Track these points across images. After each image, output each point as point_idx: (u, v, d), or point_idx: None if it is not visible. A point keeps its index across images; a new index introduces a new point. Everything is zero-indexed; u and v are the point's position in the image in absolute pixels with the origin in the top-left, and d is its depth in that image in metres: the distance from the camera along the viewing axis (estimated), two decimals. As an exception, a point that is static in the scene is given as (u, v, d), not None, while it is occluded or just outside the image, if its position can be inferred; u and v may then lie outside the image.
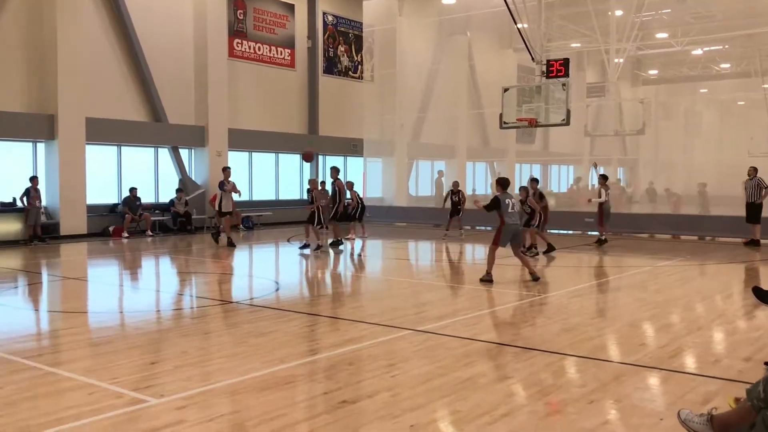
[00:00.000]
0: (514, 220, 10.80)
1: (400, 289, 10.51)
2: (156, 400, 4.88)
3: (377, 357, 6.15)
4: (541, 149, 33.46)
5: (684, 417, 3.85)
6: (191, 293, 10.49)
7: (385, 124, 26.57)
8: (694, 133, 37.63)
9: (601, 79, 30.10)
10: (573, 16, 25.92)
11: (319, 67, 25.52)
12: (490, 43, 29.67)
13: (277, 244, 17.64)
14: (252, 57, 23.06)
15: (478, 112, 28.60)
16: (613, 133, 23.56)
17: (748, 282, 11.28)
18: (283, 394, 5.07)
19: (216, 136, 21.32)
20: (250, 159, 23.72)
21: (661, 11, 25.80)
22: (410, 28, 26.55)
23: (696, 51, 30.73)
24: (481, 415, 4.60)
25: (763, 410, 3.27)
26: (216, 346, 6.68)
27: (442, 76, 27.84)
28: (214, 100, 21.17)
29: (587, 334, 7.17)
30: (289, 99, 24.55)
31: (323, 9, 25.62)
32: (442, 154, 28.41)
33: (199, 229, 20.22)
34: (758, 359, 6.03)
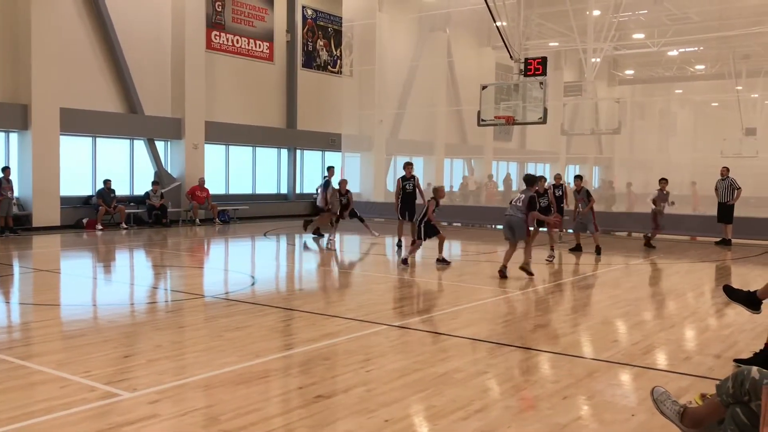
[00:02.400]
0: (509, 212, 11.01)
1: (377, 285, 10.52)
2: (129, 393, 4.83)
3: (353, 352, 6.15)
4: (518, 147, 33.64)
5: (657, 396, 3.85)
6: (166, 287, 10.41)
7: (363, 119, 26.55)
8: (668, 133, 38.10)
9: (578, 79, 30.34)
10: (551, 16, 26.09)
11: (298, 61, 25.41)
12: (469, 41, 29.75)
13: (254, 239, 17.56)
14: (230, 50, 22.89)
15: (456, 109, 28.68)
16: (589, 132, 23.78)
17: (720, 280, 11.46)
18: (257, 388, 5.05)
19: (193, 128, 21.14)
20: (227, 152, 23.57)
21: (637, 12, 26.06)
22: (390, 23, 26.53)
23: (671, 52, 31.10)
24: (456, 410, 4.62)
25: (731, 406, 3.32)
26: (191, 340, 6.63)
27: (421, 73, 27.87)
28: (191, 92, 20.99)
29: (562, 331, 7.24)
30: (267, 92, 24.42)
31: (303, 3, 25.50)
32: (421, 151, 28.46)
33: (175, 222, 20.06)
34: (728, 356, 6.13)
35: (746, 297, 5.76)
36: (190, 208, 20.44)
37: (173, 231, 18.57)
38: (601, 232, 16.24)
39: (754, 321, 7.18)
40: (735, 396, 3.31)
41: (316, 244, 15.83)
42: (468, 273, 12.36)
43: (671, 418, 3.79)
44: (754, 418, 3.14)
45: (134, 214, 19.49)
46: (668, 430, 3.99)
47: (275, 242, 16.94)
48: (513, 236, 10.96)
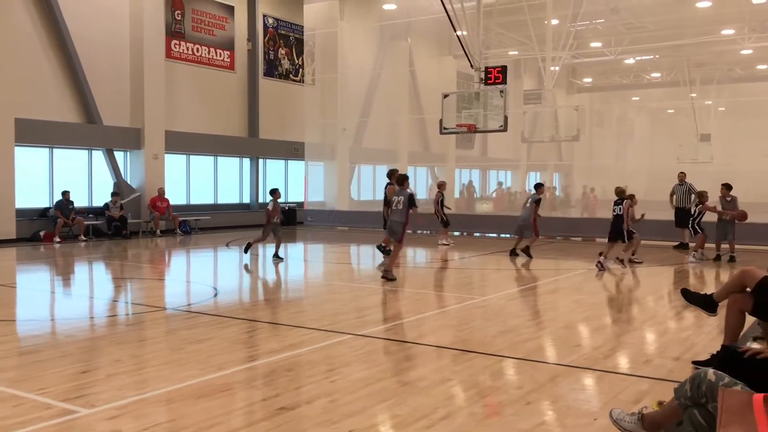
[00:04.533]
0: (394, 217, 11.40)
1: (340, 294, 10.48)
2: (87, 410, 4.72)
3: (317, 362, 6.10)
4: (480, 155, 33.93)
5: (616, 417, 3.95)
6: (126, 299, 10.22)
7: (326, 128, 26.51)
8: (626, 140, 38.84)
9: (537, 87, 30.73)
10: (510, 25, 26.40)
11: (260, 70, 25.28)
12: (430, 50, 29.95)
13: (216, 249, 17.36)
14: (190, 58, 22.67)
15: (418, 118, 28.81)
16: (549, 140, 24.07)
17: (678, 284, 11.68)
18: (220, 401, 4.98)
19: (152, 138, 20.86)
20: (187, 162, 23.30)
21: (595, 21, 26.53)
22: (351, 32, 26.57)
23: (628, 60, 31.74)
24: (420, 418, 4.62)
25: (689, 408, 3.38)
26: (151, 354, 6.51)
27: (383, 81, 27.96)
28: (150, 101, 20.71)
29: (524, 336, 7.29)
30: (228, 101, 24.24)
31: (263, 11, 25.41)
32: (384, 159, 28.51)
33: (135, 234, 19.74)
34: (686, 358, 6.24)
35: (703, 300, 5.88)
36: (151, 219, 20.14)
37: (133, 242, 18.27)
38: (562, 238, 16.45)
39: (711, 323, 7.33)
40: (692, 398, 3.37)
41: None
42: (432, 280, 12.40)
43: (634, 430, 3.84)
44: (711, 419, 3.20)
45: (93, 226, 19.12)
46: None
47: (238, 253, 16.77)
48: (395, 236, 11.38)
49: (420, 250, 17.48)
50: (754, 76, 33.33)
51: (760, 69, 32.74)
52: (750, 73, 33.29)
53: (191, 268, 14.71)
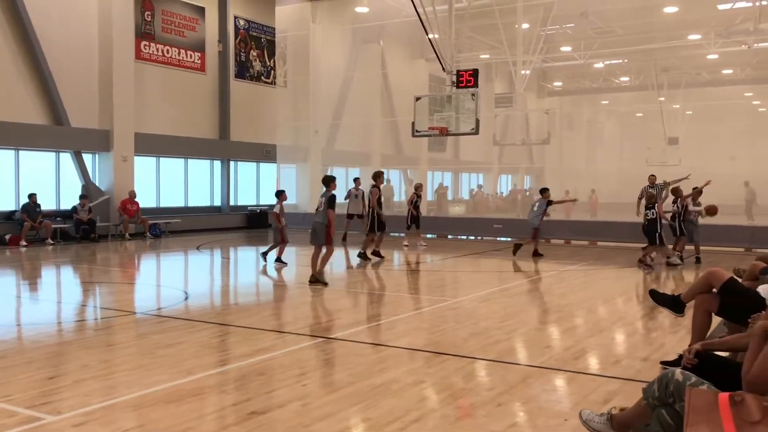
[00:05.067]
0: (315, 218, 11.22)
1: (313, 297, 10.43)
2: (53, 417, 4.63)
3: (288, 366, 6.07)
4: (452, 157, 34.08)
5: (585, 417, 3.99)
6: (95, 304, 10.07)
7: (299, 130, 26.43)
8: (596, 143, 39.30)
9: (508, 90, 30.98)
10: (482, 29, 26.57)
11: (231, 72, 25.11)
12: (402, 53, 30.02)
13: (187, 252, 17.19)
14: (160, 60, 22.44)
15: (391, 120, 28.86)
16: (520, 143, 24.29)
17: (647, 285, 11.83)
18: (190, 406, 4.92)
19: (122, 140, 20.59)
20: (157, 164, 23.05)
21: (565, 26, 26.82)
22: (324, 34, 26.53)
23: (598, 64, 32.14)
24: (393, 421, 4.61)
25: (657, 408, 3.42)
26: (120, 359, 6.42)
27: (356, 84, 27.95)
28: (119, 103, 20.44)
29: (496, 338, 7.33)
30: (199, 103, 24.03)
31: (235, 13, 25.25)
32: (357, 161, 28.51)
33: (104, 237, 19.45)
34: (655, 359, 6.32)
35: (671, 301, 5.97)
36: (120, 222, 19.87)
37: (102, 246, 18.01)
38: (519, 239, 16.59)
39: (679, 324, 7.44)
40: (660, 398, 3.41)
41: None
42: (404, 282, 12.41)
43: (603, 430, 3.89)
44: (679, 419, 3.24)
45: (61, 230, 18.81)
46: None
47: (209, 256, 16.63)
48: (316, 241, 11.16)
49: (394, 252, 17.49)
50: (720, 80, 33.97)
51: (725, 74, 33.37)
52: (716, 78, 33.91)
53: (161, 271, 14.54)
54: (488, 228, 21.57)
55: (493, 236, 21.00)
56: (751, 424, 2.95)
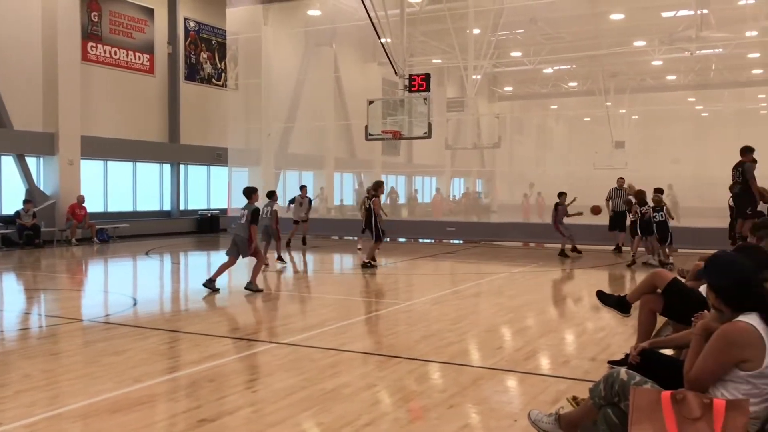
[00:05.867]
0: (237, 231, 11.00)
1: (265, 302, 10.34)
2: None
3: (239, 372, 6.00)
4: (405, 161, 34.22)
5: (534, 418, 4.04)
6: (39, 311, 9.78)
7: (250, 133, 26.18)
8: (545, 147, 39.94)
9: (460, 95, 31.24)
10: (434, 33, 26.76)
11: (181, 74, 24.74)
12: (355, 56, 30.02)
13: (135, 258, 16.84)
14: (108, 61, 21.97)
15: (344, 124, 28.83)
16: (471, 146, 24.51)
17: (596, 286, 12.05)
18: (137, 415, 4.82)
19: (67, 143, 20.06)
20: (105, 168, 22.54)
21: (515, 31, 27.20)
22: (275, 37, 26.35)
23: (547, 70, 32.69)
24: (344, 425, 4.60)
25: (603, 407, 3.49)
26: (64, 368, 6.25)
27: (308, 87, 27.83)
28: (65, 105, 19.92)
29: (448, 340, 7.38)
30: (148, 106, 23.60)
31: (184, 14, 24.89)
32: (310, 165, 28.39)
33: (49, 243, 18.92)
34: (602, 358, 6.45)
35: (617, 301, 6.09)
36: (67, 228, 19.35)
37: (47, 252, 17.52)
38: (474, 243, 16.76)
39: (625, 323, 7.60)
40: (606, 398, 3.48)
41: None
42: (357, 286, 12.40)
43: (552, 430, 3.95)
44: (624, 417, 3.31)
45: (3, 235, 18.21)
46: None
47: (158, 261, 16.34)
48: (237, 252, 10.92)
49: (347, 256, 17.47)
50: (664, 86, 34.93)
51: (669, 80, 34.33)
52: (660, 83, 34.86)
53: (109, 277, 14.21)
54: (441, 231, 21.73)
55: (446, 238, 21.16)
56: (692, 420, 3.03)
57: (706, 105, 34.13)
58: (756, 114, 33.81)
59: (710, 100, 33.55)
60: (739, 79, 32.41)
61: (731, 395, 3.17)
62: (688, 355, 3.39)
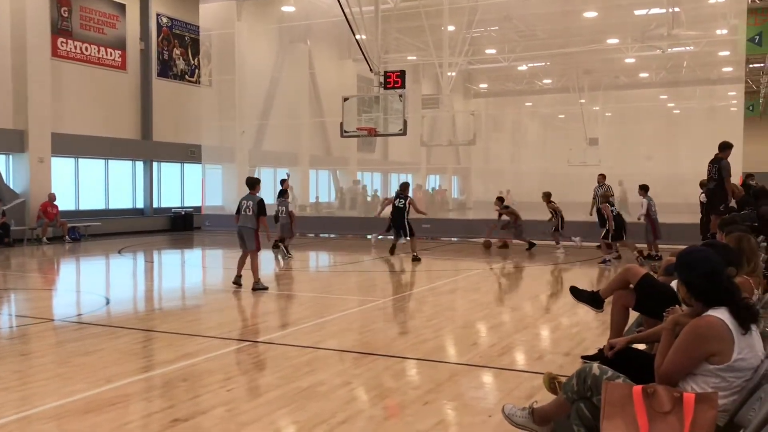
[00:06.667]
0: (241, 223, 10.80)
1: (239, 300, 10.28)
2: (-39, 432, 4.41)
3: (213, 371, 5.95)
4: (381, 158, 34.19)
5: (508, 412, 4.07)
6: (9, 311, 9.62)
7: (224, 130, 25.98)
8: (520, 144, 40.11)
9: (435, 92, 31.28)
10: (408, 30, 26.78)
11: (153, 70, 24.46)
12: (330, 53, 29.93)
13: (108, 257, 16.64)
14: (78, 57, 21.65)
15: (319, 120, 28.72)
16: (447, 143, 24.58)
17: (570, 282, 12.17)
18: (110, 415, 4.77)
19: (37, 141, 19.74)
20: (76, 165, 22.23)
21: (489, 29, 27.31)
22: (249, 33, 26.17)
23: (521, 67, 32.86)
24: (320, 423, 4.59)
25: (576, 402, 3.53)
26: (35, 368, 6.16)
27: (283, 84, 27.68)
28: (34, 102, 19.60)
29: (423, 337, 7.39)
30: (120, 102, 23.30)
31: (157, 10, 24.60)
32: (285, 162, 28.23)
33: (19, 242, 18.61)
34: (576, 353, 6.51)
35: (590, 297, 6.15)
36: (39, 226, 19.05)
37: (18, 251, 17.23)
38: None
39: (599, 319, 7.68)
40: (579, 392, 3.51)
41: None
42: (333, 284, 12.38)
43: (525, 425, 3.99)
44: (596, 412, 3.34)
45: (-29, 234, 17.89)
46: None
47: (131, 260, 16.16)
48: (245, 246, 10.83)
49: (322, 254, 17.43)
50: (637, 83, 35.28)
51: (641, 77, 34.68)
52: (633, 81, 35.21)
53: (81, 276, 14.03)
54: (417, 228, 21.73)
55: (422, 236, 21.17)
56: (662, 414, 3.07)
57: (678, 102, 34.57)
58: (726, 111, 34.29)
59: (682, 98, 33.96)
60: (710, 76, 32.85)
61: (701, 389, 3.22)
62: (659, 350, 3.43)
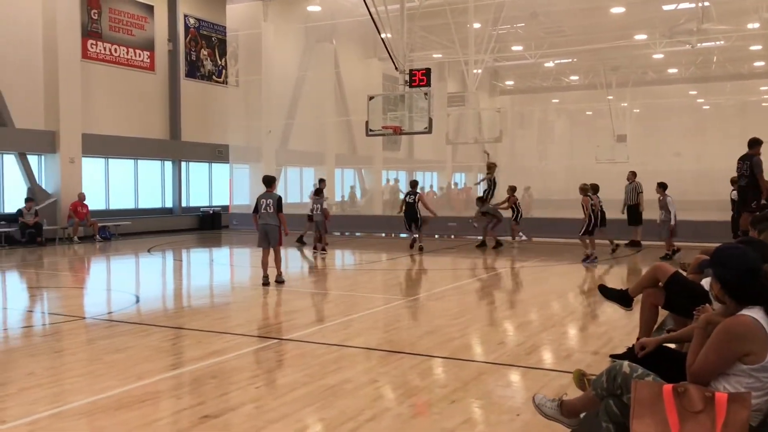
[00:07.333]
0: (263, 221, 11.05)
1: (267, 298, 10.35)
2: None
3: (242, 369, 6.01)
4: (406, 156, 34.19)
5: (538, 401, 4.05)
6: (42, 309, 9.80)
7: (251, 130, 26.18)
8: (547, 141, 39.86)
9: (461, 89, 31.18)
10: (434, 28, 26.73)
11: (181, 71, 24.73)
12: (355, 52, 29.99)
13: (137, 255, 16.86)
14: (108, 59, 21.96)
15: (345, 120, 28.80)
16: (472, 141, 24.48)
17: (599, 280, 12.06)
18: (140, 412, 4.83)
19: (68, 141, 20.08)
20: (106, 165, 22.56)
21: (516, 25, 27.15)
22: (275, 34, 26.33)
23: (548, 63, 32.64)
24: (346, 421, 4.61)
25: (605, 399, 3.50)
26: (67, 365, 6.27)
27: (309, 83, 27.81)
28: (66, 103, 19.92)
29: (450, 335, 7.38)
30: (149, 103, 23.60)
31: (184, 11, 24.86)
32: (311, 161, 28.38)
33: (51, 241, 18.95)
34: (605, 352, 6.45)
35: (619, 295, 6.09)
36: (70, 225, 19.37)
37: (50, 250, 17.54)
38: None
39: (627, 317, 7.60)
40: (608, 390, 3.48)
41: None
42: (359, 282, 12.41)
43: (554, 417, 3.97)
44: (626, 410, 3.31)
45: (5, 234, 18.24)
46: (551, 428, 4.14)
47: (161, 258, 16.36)
48: (268, 243, 11.13)
49: (347, 252, 17.47)
50: (665, 79, 34.85)
51: (670, 72, 34.25)
52: (661, 77, 34.77)
53: (112, 275, 14.24)
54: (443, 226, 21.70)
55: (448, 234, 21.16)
56: (693, 413, 3.03)
57: (708, 98, 34.07)
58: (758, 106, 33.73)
59: (712, 93, 33.47)
60: (741, 71, 32.35)
61: (733, 388, 3.17)
62: (691, 349, 3.38)
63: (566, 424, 3.96)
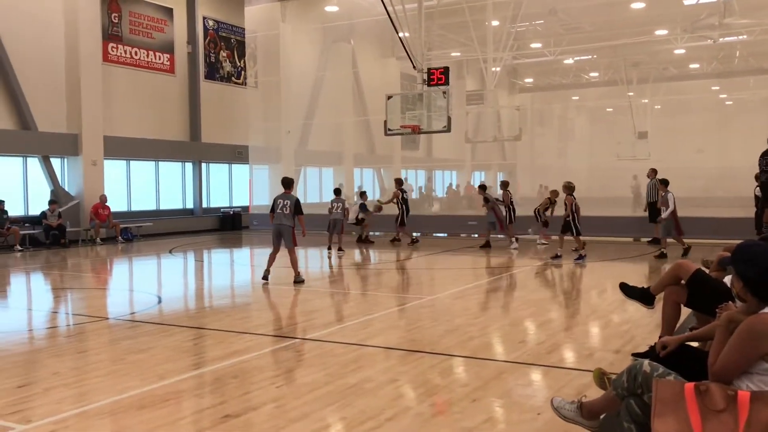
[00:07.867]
0: (278, 221, 11.22)
1: (287, 298, 10.41)
2: (23, 426, 4.57)
3: (263, 368, 6.04)
4: (425, 155, 34.13)
5: (556, 405, 4.04)
6: (66, 310, 9.93)
7: (270, 130, 26.29)
8: (567, 139, 39.57)
9: (479, 87, 31.07)
10: (452, 26, 26.63)
11: (201, 73, 24.91)
12: (373, 51, 29.99)
13: (159, 256, 17.02)
14: (128, 62, 22.18)
15: (363, 119, 28.81)
16: (492, 140, 24.39)
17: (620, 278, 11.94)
18: (163, 411, 4.89)
19: (90, 144, 20.32)
20: (128, 167, 22.79)
21: (534, 22, 26.97)
22: (293, 34, 26.42)
23: (567, 60, 32.38)
24: (367, 420, 4.62)
25: (626, 398, 3.47)
26: (91, 365, 6.34)
27: (327, 83, 27.87)
28: (87, 106, 20.16)
29: (470, 334, 7.37)
30: (169, 105, 23.80)
31: (203, 13, 25.04)
32: (330, 161, 28.45)
33: (74, 243, 19.18)
34: (626, 351, 6.40)
35: (641, 294, 6.04)
36: (92, 227, 19.60)
37: (73, 251, 17.76)
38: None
39: (649, 316, 7.53)
40: (629, 389, 3.46)
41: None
42: (379, 281, 12.42)
43: (574, 419, 3.95)
44: (647, 409, 3.29)
45: (30, 236, 18.51)
46: (572, 428, 4.12)
47: (182, 259, 16.49)
48: (279, 243, 11.30)
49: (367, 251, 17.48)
50: (687, 75, 34.45)
51: (692, 68, 33.84)
52: (683, 72, 34.38)
53: (134, 276, 14.38)
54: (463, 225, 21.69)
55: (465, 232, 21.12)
56: (715, 412, 3.00)
57: (731, 93, 33.61)
58: (782, 101, 33.23)
59: (735, 88, 33.01)
60: (765, 65, 31.85)
61: (756, 387, 3.14)
62: (713, 347, 3.35)
63: (586, 426, 3.94)
